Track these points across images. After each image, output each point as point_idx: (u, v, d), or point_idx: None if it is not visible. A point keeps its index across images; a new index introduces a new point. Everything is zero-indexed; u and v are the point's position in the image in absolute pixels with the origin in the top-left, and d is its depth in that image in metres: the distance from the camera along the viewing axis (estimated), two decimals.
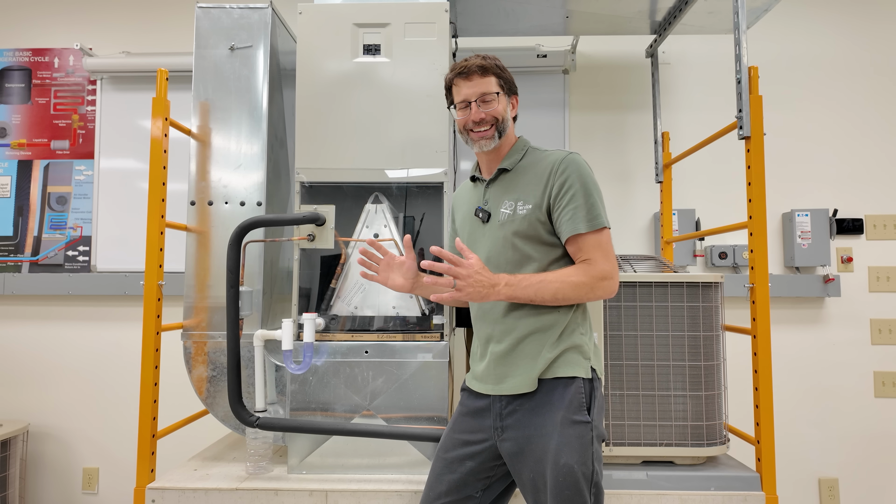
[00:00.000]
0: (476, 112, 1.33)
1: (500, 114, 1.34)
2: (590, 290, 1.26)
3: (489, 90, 1.33)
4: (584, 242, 1.27)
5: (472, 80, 1.34)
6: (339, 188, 1.86)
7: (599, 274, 1.26)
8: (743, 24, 1.72)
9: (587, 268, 1.26)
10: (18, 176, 2.77)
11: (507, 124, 1.37)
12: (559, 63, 2.62)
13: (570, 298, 1.26)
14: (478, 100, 1.33)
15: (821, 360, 2.58)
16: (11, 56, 2.81)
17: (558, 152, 1.34)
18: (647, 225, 2.67)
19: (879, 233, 2.61)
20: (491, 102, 1.33)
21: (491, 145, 1.35)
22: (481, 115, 1.33)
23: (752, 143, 1.66)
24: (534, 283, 1.25)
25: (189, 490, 1.61)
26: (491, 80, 1.34)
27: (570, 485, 1.20)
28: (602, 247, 1.27)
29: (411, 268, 1.41)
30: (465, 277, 1.21)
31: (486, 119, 1.33)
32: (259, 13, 1.89)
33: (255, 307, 1.81)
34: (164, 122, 1.74)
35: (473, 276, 1.21)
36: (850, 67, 2.67)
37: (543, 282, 1.25)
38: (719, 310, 1.67)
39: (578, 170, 1.30)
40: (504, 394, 1.30)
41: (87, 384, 2.71)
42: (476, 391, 1.36)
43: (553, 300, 1.26)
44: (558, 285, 1.25)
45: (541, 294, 1.25)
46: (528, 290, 1.25)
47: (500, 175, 1.39)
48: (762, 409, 1.62)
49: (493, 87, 1.34)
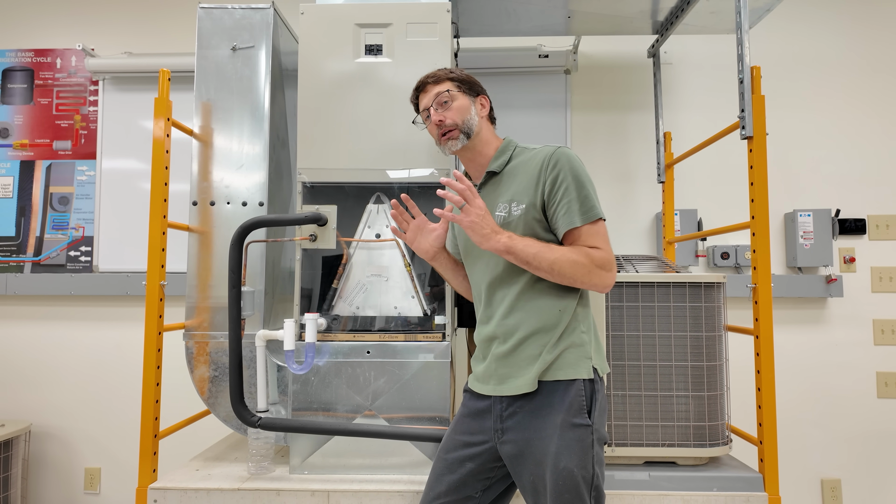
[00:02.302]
0: (434, 114, 1.36)
1: (459, 114, 1.35)
2: (587, 273, 1.24)
3: (442, 89, 1.36)
4: (582, 233, 1.26)
5: (428, 90, 1.39)
6: (341, 188, 1.86)
7: (599, 260, 1.24)
8: (745, 23, 1.72)
9: (588, 251, 1.25)
10: (21, 176, 2.77)
11: (473, 123, 1.37)
12: (561, 63, 2.62)
13: (566, 275, 1.24)
14: (434, 103, 1.36)
15: (823, 360, 2.58)
16: (14, 56, 2.82)
17: (546, 148, 1.33)
18: (649, 225, 2.67)
19: (882, 233, 2.60)
20: (447, 103, 1.36)
21: (458, 145, 1.36)
22: (439, 116, 1.35)
23: (755, 142, 1.66)
24: (535, 245, 1.24)
25: (191, 490, 1.61)
26: (444, 84, 1.38)
27: (570, 488, 1.19)
28: (601, 235, 1.27)
29: (440, 236, 1.44)
30: (474, 207, 1.23)
31: (444, 121, 1.35)
32: (261, 13, 1.89)
33: (257, 307, 1.82)
34: (166, 123, 1.75)
35: (483, 213, 1.24)
36: (852, 67, 2.67)
37: (545, 249, 1.24)
38: (722, 310, 1.67)
39: (569, 163, 1.28)
40: (505, 394, 1.29)
41: (89, 384, 2.71)
42: (477, 393, 1.36)
43: (549, 270, 1.23)
44: (558, 256, 1.23)
45: (538, 259, 1.23)
46: (529, 250, 1.23)
47: (490, 178, 1.38)
48: (765, 410, 1.61)
49: (445, 87, 1.37)
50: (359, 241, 1.74)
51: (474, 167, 1.41)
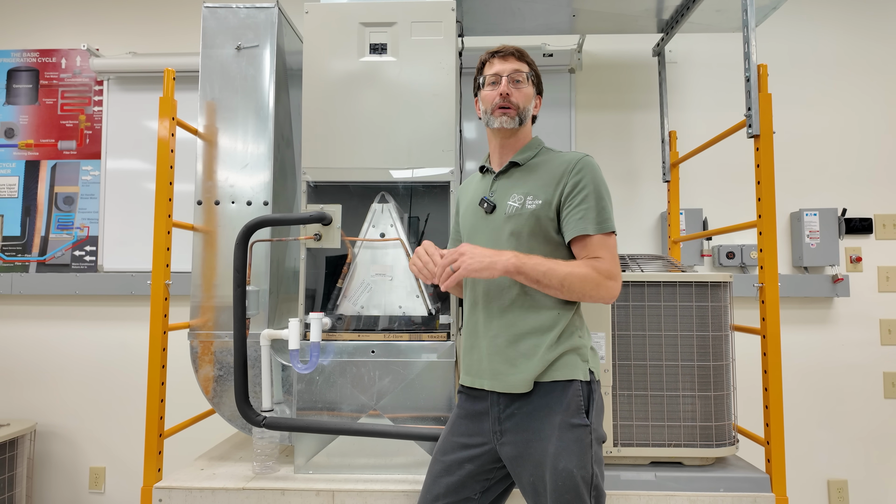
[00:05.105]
0: (505, 86, 1.35)
1: (524, 98, 1.36)
2: (596, 287, 1.23)
3: (522, 69, 1.37)
4: (592, 242, 1.27)
5: (509, 60, 1.38)
6: (346, 188, 1.85)
7: (607, 272, 1.25)
8: (752, 21, 1.71)
9: (596, 264, 1.25)
10: (26, 176, 2.78)
11: (528, 114, 1.39)
12: (565, 62, 2.61)
13: (575, 291, 1.23)
14: (509, 76, 1.36)
15: (830, 360, 2.56)
16: (19, 57, 2.83)
17: (575, 153, 1.36)
18: (654, 224, 2.66)
19: (889, 232, 2.58)
20: (521, 83, 1.36)
21: (511, 124, 1.36)
22: (509, 90, 1.35)
23: (762, 141, 1.65)
24: (544, 264, 1.22)
25: (196, 490, 1.61)
26: (525, 65, 1.38)
27: (569, 489, 1.19)
28: (609, 248, 1.27)
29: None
30: (457, 257, 1.23)
31: (512, 98, 1.35)
32: (265, 13, 1.89)
33: (261, 307, 1.82)
34: (171, 122, 1.75)
35: (467, 252, 1.23)
36: (858, 65, 2.65)
37: (554, 267, 1.22)
38: (728, 310, 1.66)
39: (593, 173, 1.30)
40: (500, 391, 1.29)
41: (93, 384, 2.71)
42: (473, 391, 1.35)
43: (559, 288, 1.23)
44: (568, 272, 1.22)
45: (548, 278, 1.22)
46: (538, 269, 1.22)
47: (511, 168, 1.39)
48: (772, 410, 1.60)
49: (525, 69, 1.38)
50: (363, 240, 1.74)
51: (501, 154, 1.42)
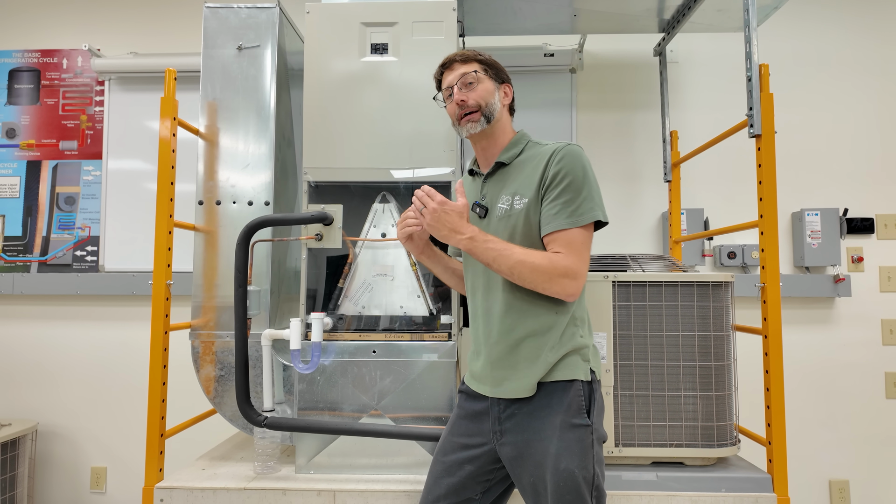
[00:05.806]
0: (458, 94, 1.33)
1: (483, 96, 1.33)
2: (548, 280, 1.20)
3: (468, 70, 1.34)
4: (559, 237, 1.23)
5: (454, 68, 1.36)
6: (347, 188, 1.85)
7: (564, 269, 1.20)
8: (753, 21, 1.71)
9: (556, 258, 1.21)
10: (27, 176, 2.78)
11: (495, 109, 1.34)
12: (566, 62, 2.61)
13: (525, 280, 1.21)
14: (459, 83, 1.34)
15: (831, 360, 2.56)
16: (20, 57, 2.83)
17: (556, 144, 1.31)
18: (656, 224, 2.66)
19: (890, 232, 2.58)
20: (472, 84, 1.33)
21: (477, 128, 1.33)
22: (462, 96, 1.33)
23: (763, 140, 1.65)
24: (497, 249, 1.22)
25: (197, 489, 1.61)
26: (472, 64, 1.35)
27: (571, 489, 1.18)
28: (575, 244, 1.22)
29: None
30: (430, 212, 1.24)
31: (467, 101, 1.32)
32: (266, 13, 1.89)
33: (262, 307, 1.82)
34: (172, 122, 1.75)
35: (440, 211, 1.24)
36: (860, 65, 2.65)
37: (506, 252, 1.21)
38: (729, 310, 1.66)
39: (573, 161, 1.25)
40: (502, 397, 1.28)
41: (95, 384, 2.72)
42: (474, 393, 1.34)
43: (509, 274, 1.22)
44: (519, 259, 1.20)
45: (499, 262, 1.21)
46: (489, 253, 1.22)
47: (498, 169, 1.36)
48: (773, 410, 1.60)
49: (472, 68, 1.35)
50: (364, 240, 1.74)
51: (485, 156, 1.39)
